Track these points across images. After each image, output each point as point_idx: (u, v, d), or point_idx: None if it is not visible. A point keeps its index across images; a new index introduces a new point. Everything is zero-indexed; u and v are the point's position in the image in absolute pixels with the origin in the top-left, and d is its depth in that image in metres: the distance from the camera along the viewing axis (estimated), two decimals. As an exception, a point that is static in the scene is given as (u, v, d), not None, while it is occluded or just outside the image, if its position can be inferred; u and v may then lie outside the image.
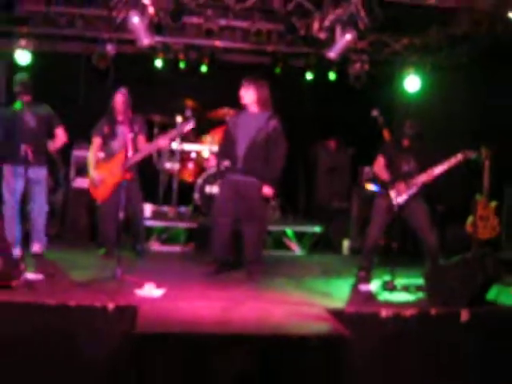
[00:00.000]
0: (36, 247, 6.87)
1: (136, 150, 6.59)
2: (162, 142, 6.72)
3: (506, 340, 5.39)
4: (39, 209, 6.84)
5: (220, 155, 6.54)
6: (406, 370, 5.21)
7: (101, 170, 6.74)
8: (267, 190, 6.22)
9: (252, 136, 6.19)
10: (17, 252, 6.09)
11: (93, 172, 6.78)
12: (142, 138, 6.87)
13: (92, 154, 6.90)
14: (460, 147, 6.25)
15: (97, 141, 6.89)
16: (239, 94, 6.31)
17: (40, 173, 6.71)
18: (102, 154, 6.91)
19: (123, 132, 6.44)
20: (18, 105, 6.58)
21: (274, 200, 8.82)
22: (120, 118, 6.69)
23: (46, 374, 4.75)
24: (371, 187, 6.31)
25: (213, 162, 6.69)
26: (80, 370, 4.80)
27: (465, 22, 7.48)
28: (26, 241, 6.57)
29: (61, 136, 6.86)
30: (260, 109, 6.31)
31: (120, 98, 6.65)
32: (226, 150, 6.40)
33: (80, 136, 8.53)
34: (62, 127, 6.88)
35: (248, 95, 6.27)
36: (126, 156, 6.38)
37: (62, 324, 4.82)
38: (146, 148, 6.73)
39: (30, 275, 5.54)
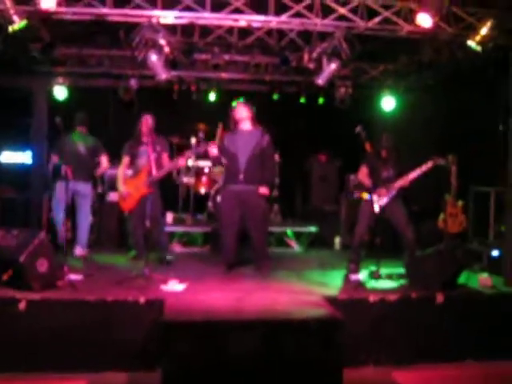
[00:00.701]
0: (79, 251, 6.91)
1: (160, 167, 6.57)
2: (180, 161, 6.72)
3: (474, 319, 5.40)
4: (84, 218, 6.97)
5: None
6: (390, 346, 5.22)
7: (128, 185, 6.68)
8: (264, 190, 6.26)
9: (250, 151, 6.22)
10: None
11: (121, 187, 6.73)
12: (165, 157, 6.80)
13: (120, 171, 6.85)
14: (429, 155, 6.26)
15: (125, 160, 6.84)
16: (233, 115, 6.39)
17: (86, 188, 7.14)
18: (129, 172, 6.87)
19: (147, 152, 6.41)
20: (75, 135, 7.22)
21: (273, 203, 8.85)
22: (145, 139, 6.61)
23: (87, 358, 4.77)
24: (366, 196, 6.30)
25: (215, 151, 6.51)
26: (117, 353, 4.82)
27: (428, 50, 7.50)
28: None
29: (104, 162, 7.36)
30: (252, 125, 6.37)
31: (146, 122, 6.65)
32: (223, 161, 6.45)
33: (111, 158, 8.57)
34: (105, 156, 7.35)
35: (243, 114, 6.34)
36: (150, 173, 6.44)
37: (101, 316, 4.84)
38: (167, 166, 6.71)
39: (73, 275, 5.54)
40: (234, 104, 6.46)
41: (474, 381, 4.95)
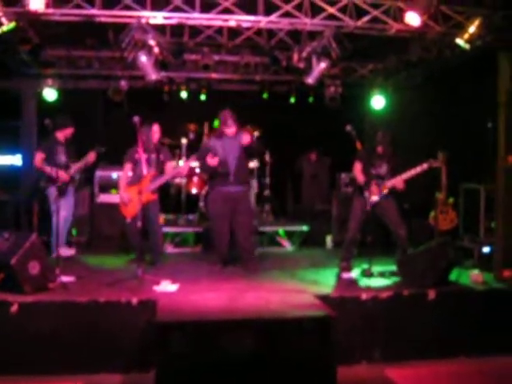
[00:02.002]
0: (64, 251, 6.86)
1: (162, 174, 6.68)
2: (183, 169, 6.92)
3: (466, 315, 5.43)
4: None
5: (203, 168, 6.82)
6: (383, 343, 5.24)
7: (130, 191, 6.56)
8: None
9: (237, 153, 6.45)
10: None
11: (123, 193, 6.63)
12: (169, 164, 6.85)
13: (123, 177, 6.78)
14: (419, 153, 6.30)
15: (127, 166, 6.76)
16: (227, 125, 6.42)
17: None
18: (131, 178, 6.77)
19: (150, 159, 6.55)
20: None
21: (265, 202, 8.87)
22: (148, 147, 6.63)
23: (81, 360, 4.76)
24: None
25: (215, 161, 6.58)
26: (110, 354, 4.81)
27: (417, 49, 7.53)
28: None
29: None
30: (236, 130, 6.49)
31: (155, 131, 6.72)
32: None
33: (101, 159, 8.54)
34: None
35: (233, 130, 6.45)
36: (152, 180, 6.50)
37: (94, 318, 4.83)
38: (169, 174, 6.77)
39: (65, 277, 5.52)
40: (219, 115, 6.55)
41: (467, 377, 4.97)
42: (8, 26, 6.00)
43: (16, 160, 10.14)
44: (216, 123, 6.58)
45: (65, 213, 6.84)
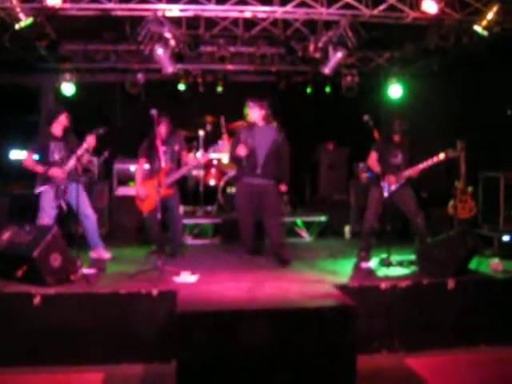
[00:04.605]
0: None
1: (179, 166, 6.66)
2: (202, 159, 6.84)
3: (486, 304, 5.40)
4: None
5: (233, 158, 6.62)
6: (403, 332, 5.24)
7: (146, 186, 6.52)
8: (284, 187, 6.57)
9: (268, 146, 6.33)
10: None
11: (139, 188, 6.58)
12: (185, 154, 6.77)
13: (138, 172, 6.71)
14: (437, 141, 6.26)
15: (142, 161, 6.69)
16: (246, 112, 6.44)
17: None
18: (148, 172, 6.73)
19: (167, 151, 6.50)
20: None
21: (287, 194, 8.87)
22: (164, 140, 6.51)
23: (102, 351, 4.83)
24: (366, 176, 6.31)
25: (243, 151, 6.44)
26: (131, 345, 4.87)
27: (434, 37, 7.47)
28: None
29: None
30: (265, 123, 6.42)
31: (166, 124, 6.57)
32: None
33: (119, 152, 8.61)
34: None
35: (254, 114, 6.40)
36: (168, 174, 6.47)
37: (115, 309, 4.88)
38: (185, 167, 6.69)
39: (86, 270, 5.59)
40: (246, 105, 6.49)
41: (488, 365, 4.95)
42: (26, 21, 6.07)
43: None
44: (246, 111, 6.48)
45: (89, 212, 6.52)
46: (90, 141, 6.15)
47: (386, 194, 6.09)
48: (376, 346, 5.15)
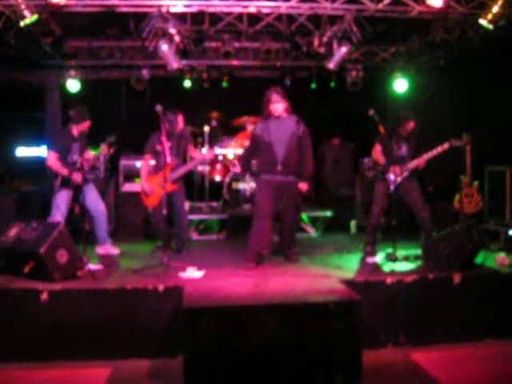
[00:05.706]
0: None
1: (185, 161, 6.67)
2: (208, 155, 6.88)
3: (492, 298, 5.40)
4: None
5: (246, 158, 6.43)
6: (408, 327, 5.24)
7: (151, 182, 6.56)
8: (304, 186, 6.11)
9: (287, 140, 5.94)
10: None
11: (144, 184, 6.59)
12: (191, 148, 6.79)
13: (144, 168, 6.71)
14: (443, 136, 6.25)
15: (148, 156, 6.69)
16: (272, 101, 5.94)
17: None
18: (153, 167, 6.76)
19: (173, 147, 6.48)
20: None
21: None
22: (172, 135, 6.52)
23: (109, 346, 4.85)
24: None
25: (237, 169, 6.58)
26: (138, 340, 4.89)
27: (439, 30, 7.45)
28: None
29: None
30: (287, 115, 6.06)
31: (180, 121, 6.60)
32: (255, 153, 6.19)
33: (124, 148, 8.62)
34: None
35: (279, 107, 5.96)
36: (173, 169, 6.49)
37: (121, 304, 4.91)
38: (190, 163, 6.73)
39: (92, 266, 5.62)
40: (268, 92, 6.03)
41: (494, 359, 4.94)
42: (30, 18, 6.09)
43: (41, 151, 10.30)
44: (265, 105, 6.07)
45: (101, 207, 6.67)
46: (104, 151, 6.57)
47: (392, 188, 6.08)
48: (382, 340, 5.15)
